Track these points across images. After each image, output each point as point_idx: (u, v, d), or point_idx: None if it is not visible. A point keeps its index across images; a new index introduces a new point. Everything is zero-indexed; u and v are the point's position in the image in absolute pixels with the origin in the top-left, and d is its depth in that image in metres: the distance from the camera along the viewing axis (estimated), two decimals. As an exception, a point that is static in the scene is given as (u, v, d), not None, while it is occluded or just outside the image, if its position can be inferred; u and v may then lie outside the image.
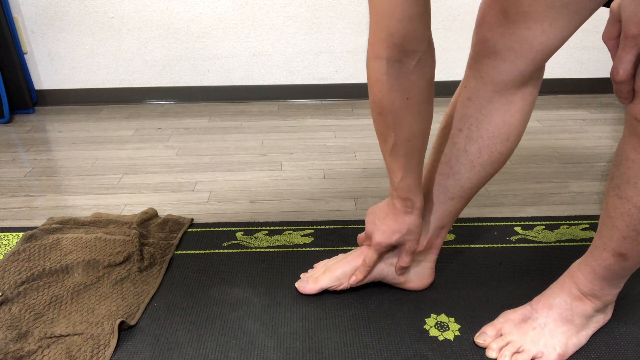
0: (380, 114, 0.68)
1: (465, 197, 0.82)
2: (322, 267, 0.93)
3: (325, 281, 0.89)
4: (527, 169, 1.38)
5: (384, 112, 0.67)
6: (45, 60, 1.86)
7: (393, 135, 0.69)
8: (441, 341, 0.81)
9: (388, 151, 0.72)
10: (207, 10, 1.80)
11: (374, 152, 1.50)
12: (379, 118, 0.69)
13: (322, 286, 0.89)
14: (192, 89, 1.94)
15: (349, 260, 0.89)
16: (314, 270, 0.94)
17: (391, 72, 0.63)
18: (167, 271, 0.98)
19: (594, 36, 1.88)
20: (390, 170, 0.75)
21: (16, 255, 1.00)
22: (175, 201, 1.24)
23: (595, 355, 0.78)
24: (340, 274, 0.89)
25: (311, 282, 0.90)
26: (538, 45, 0.66)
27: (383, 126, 0.69)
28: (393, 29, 0.59)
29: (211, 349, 0.80)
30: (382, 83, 0.64)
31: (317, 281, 0.90)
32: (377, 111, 0.68)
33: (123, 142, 1.60)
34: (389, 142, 0.70)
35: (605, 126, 1.67)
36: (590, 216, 1.14)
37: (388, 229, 0.80)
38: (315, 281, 0.90)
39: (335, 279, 0.89)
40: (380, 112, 0.68)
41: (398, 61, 0.62)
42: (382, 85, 0.64)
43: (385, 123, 0.68)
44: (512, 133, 0.76)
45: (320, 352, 0.79)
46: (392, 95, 0.65)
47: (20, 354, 0.76)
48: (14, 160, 1.48)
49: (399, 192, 0.75)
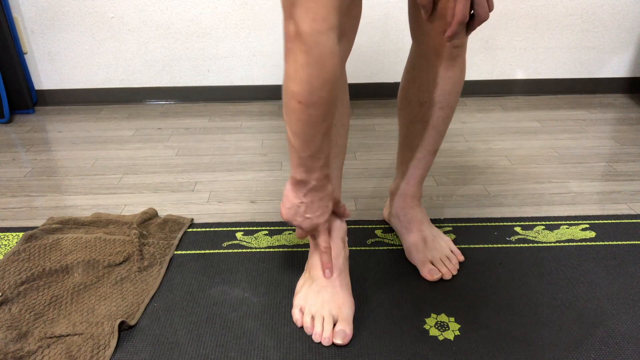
0: (329, 91, 0.64)
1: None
2: (308, 314, 0.85)
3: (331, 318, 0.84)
4: (527, 169, 1.38)
5: (333, 87, 0.64)
6: (45, 60, 1.86)
7: (334, 107, 0.67)
8: (441, 341, 0.81)
9: (323, 132, 0.68)
10: (207, 10, 1.80)
11: (374, 152, 1.50)
12: (326, 96, 0.64)
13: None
14: (192, 89, 1.94)
15: (321, 289, 0.85)
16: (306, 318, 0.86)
17: (337, 38, 0.63)
18: (167, 271, 0.98)
19: (594, 36, 1.88)
20: (318, 152, 0.70)
21: (16, 255, 1.00)
22: (175, 201, 1.24)
23: (595, 355, 0.78)
24: (330, 305, 0.84)
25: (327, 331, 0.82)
26: (359, 15, 0.77)
27: (326, 105, 0.65)
28: (336, 2, 0.60)
29: (211, 349, 0.80)
30: (336, 55, 0.62)
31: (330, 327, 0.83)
32: (327, 89, 0.64)
33: (123, 142, 1.60)
34: (328, 120, 0.67)
35: (605, 126, 1.67)
36: (590, 216, 1.14)
37: (325, 208, 0.79)
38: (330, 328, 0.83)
39: (328, 313, 0.83)
40: (330, 87, 0.64)
41: (338, 24, 0.62)
42: (336, 57, 0.62)
43: (332, 99, 0.65)
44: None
45: (320, 352, 0.79)
46: (339, 60, 0.64)
47: (20, 354, 0.76)
48: (14, 160, 1.48)
49: (325, 169, 0.73)
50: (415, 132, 0.92)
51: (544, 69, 1.94)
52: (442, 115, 0.89)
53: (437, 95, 0.87)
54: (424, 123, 0.90)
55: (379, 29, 1.84)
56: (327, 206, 0.79)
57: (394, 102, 1.91)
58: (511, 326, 0.83)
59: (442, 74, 0.84)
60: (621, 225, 1.10)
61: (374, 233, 1.09)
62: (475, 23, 0.76)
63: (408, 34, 1.85)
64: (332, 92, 0.65)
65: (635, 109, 1.82)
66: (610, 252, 1.01)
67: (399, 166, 0.99)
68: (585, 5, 1.82)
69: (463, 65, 0.86)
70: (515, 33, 1.87)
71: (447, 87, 0.86)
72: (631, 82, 1.96)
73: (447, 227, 1.11)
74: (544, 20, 1.85)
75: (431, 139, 0.92)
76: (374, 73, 1.92)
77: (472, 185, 1.30)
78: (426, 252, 0.97)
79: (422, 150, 0.93)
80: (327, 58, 0.62)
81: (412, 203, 1.00)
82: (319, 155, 0.71)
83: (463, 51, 0.84)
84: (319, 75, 0.62)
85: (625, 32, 1.88)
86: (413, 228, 0.99)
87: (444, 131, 0.92)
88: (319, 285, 0.85)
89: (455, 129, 1.66)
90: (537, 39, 1.88)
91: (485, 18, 0.75)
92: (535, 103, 1.89)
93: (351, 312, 0.84)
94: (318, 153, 0.70)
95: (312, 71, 0.62)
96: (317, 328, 0.81)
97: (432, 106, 0.88)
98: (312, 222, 0.79)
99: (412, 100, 0.90)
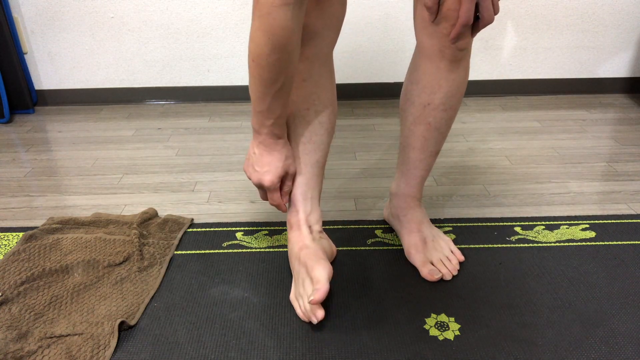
0: (278, 59, 0.72)
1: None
2: (296, 297, 0.88)
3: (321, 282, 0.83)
4: (527, 169, 1.38)
5: (283, 58, 0.72)
6: (45, 60, 1.86)
7: (283, 77, 0.74)
8: (441, 341, 0.81)
9: (272, 94, 0.76)
10: (207, 10, 1.80)
11: (374, 152, 1.50)
12: (275, 64, 0.72)
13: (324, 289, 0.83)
14: (192, 89, 1.94)
15: (298, 275, 0.87)
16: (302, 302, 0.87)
17: (295, 16, 0.68)
18: (167, 271, 0.98)
19: (594, 36, 1.88)
20: (268, 111, 0.78)
21: (16, 255, 1.00)
22: (175, 201, 1.24)
23: (595, 355, 0.78)
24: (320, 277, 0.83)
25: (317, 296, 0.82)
26: (340, 14, 0.82)
27: (276, 71, 0.73)
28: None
29: (211, 349, 0.80)
30: (288, 29, 0.69)
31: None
32: (275, 57, 0.71)
33: (123, 142, 1.60)
34: (276, 85, 0.75)
35: (605, 126, 1.67)
36: (590, 216, 1.14)
37: (270, 165, 0.85)
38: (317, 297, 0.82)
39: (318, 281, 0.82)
40: (279, 57, 0.71)
41: (300, 4, 0.68)
42: (287, 31, 0.69)
43: (280, 67, 0.73)
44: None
45: (320, 352, 0.79)
46: (294, 37, 0.71)
47: (20, 354, 0.76)
48: (14, 160, 1.48)
49: (273, 128, 0.81)
50: (417, 133, 0.92)
51: (544, 69, 1.94)
52: (445, 117, 0.89)
53: (440, 97, 0.87)
54: (426, 124, 0.90)
55: (379, 29, 1.84)
56: (276, 167, 0.85)
57: (394, 102, 1.91)
58: (511, 326, 0.83)
59: (446, 76, 0.84)
60: (621, 225, 1.10)
61: (374, 233, 1.09)
62: (480, 25, 0.76)
63: (408, 34, 1.85)
64: (282, 61, 0.72)
65: (635, 109, 1.82)
66: (610, 252, 1.01)
67: (400, 166, 0.99)
68: (585, 5, 1.82)
69: (467, 67, 0.86)
70: (515, 33, 1.87)
71: (451, 89, 0.86)
72: (631, 82, 1.96)
73: (447, 227, 1.11)
74: (544, 20, 1.85)
75: (433, 140, 0.92)
76: (374, 73, 1.92)
77: (472, 185, 1.30)
78: (426, 252, 0.97)
79: (423, 151, 0.93)
80: (277, 30, 0.68)
81: (412, 203, 1.00)
82: (269, 116, 0.79)
83: (467, 54, 0.84)
84: (267, 42, 0.69)
85: (625, 32, 1.88)
86: (413, 228, 0.99)
87: (446, 133, 0.92)
88: (297, 275, 0.89)
89: (456, 129, 1.66)
90: (537, 39, 1.88)
91: (490, 21, 0.75)
92: (535, 103, 1.89)
93: (324, 272, 0.81)
94: (268, 113, 0.79)
95: (262, 37, 0.69)
96: (298, 309, 0.85)
97: (435, 108, 0.88)
98: (258, 176, 0.86)
99: (415, 102, 0.90)
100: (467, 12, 0.74)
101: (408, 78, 0.91)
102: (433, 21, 0.79)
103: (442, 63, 0.83)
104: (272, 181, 0.85)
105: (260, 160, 0.85)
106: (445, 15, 0.77)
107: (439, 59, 0.83)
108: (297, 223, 0.92)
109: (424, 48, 0.84)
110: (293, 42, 0.71)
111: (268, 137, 0.82)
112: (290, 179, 0.90)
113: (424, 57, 0.85)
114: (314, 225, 0.93)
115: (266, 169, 0.85)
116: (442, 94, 0.86)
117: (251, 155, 0.87)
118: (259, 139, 0.83)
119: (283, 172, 0.86)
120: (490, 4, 0.74)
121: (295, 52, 0.73)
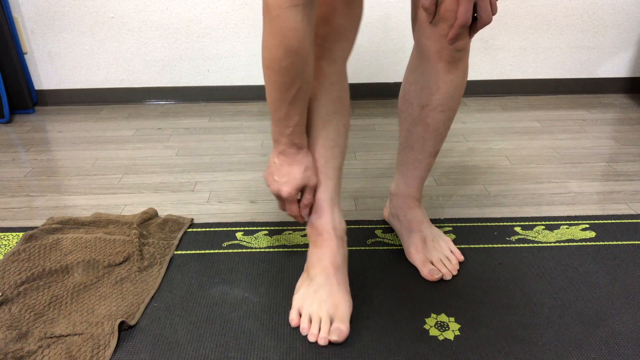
0: (292, 63, 0.71)
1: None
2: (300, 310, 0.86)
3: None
4: (527, 169, 1.38)
5: (296, 61, 0.71)
6: (45, 60, 1.86)
7: (299, 81, 0.73)
8: (441, 341, 0.81)
9: (289, 100, 0.75)
10: (207, 10, 1.80)
11: (374, 152, 1.50)
12: (289, 68, 0.71)
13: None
14: (192, 89, 1.94)
15: (319, 289, 0.85)
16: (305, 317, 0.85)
17: (305, 18, 0.67)
18: (167, 271, 0.98)
19: (594, 36, 1.88)
20: (285, 119, 0.78)
21: (16, 255, 1.00)
22: (175, 201, 1.24)
23: (595, 355, 0.78)
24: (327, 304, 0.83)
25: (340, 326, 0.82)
26: (360, 17, 0.82)
27: (290, 76, 0.72)
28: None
29: (211, 349, 0.80)
30: (298, 31, 0.68)
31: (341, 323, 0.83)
32: (289, 61, 0.70)
33: (123, 142, 1.60)
34: (292, 90, 0.74)
35: (605, 126, 1.67)
36: (590, 216, 1.14)
37: (290, 176, 0.83)
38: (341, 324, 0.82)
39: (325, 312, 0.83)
40: (293, 60, 0.70)
41: (310, 5, 0.67)
42: (298, 32, 0.68)
43: (295, 71, 0.72)
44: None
45: (320, 352, 0.79)
46: (306, 39, 0.70)
47: (20, 354, 0.76)
48: (14, 160, 1.48)
49: (292, 137, 0.80)
50: (416, 134, 0.92)
51: (544, 69, 1.94)
52: (443, 118, 0.89)
53: (438, 98, 0.86)
54: (425, 125, 0.90)
55: (379, 29, 1.84)
56: (295, 179, 0.83)
57: (394, 102, 1.91)
58: (511, 326, 0.83)
59: (444, 77, 0.84)
60: (621, 225, 1.10)
61: (374, 233, 1.09)
62: (478, 26, 0.76)
63: (408, 34, 1.85)
64: (296, 65, 0.71)
65: (635, 109, 1.82)
66: (610, 252, 1.01)
67: (400, 167, 0.99)
68: (585, 5, 1.82)
69: (465, 68, 0.86)
70: (515, 33, 1.87)
71: (449, 90, 0.86)
72: (631, 82, 1.96)
73: (447, 227, 1.11)
74: (544, 20, 1.85)
75: (432, 141, 0.92)
76: (374, 73, 1.92)
77: (472, 185, 1.30)
78: (426, 252, 0.97)
79: (422, 151, 0.93)
80: (288, 31, 0.67)
81: (412, 203, 1.00)
82: (287, 123, 0.78)
83: (466, 54, 0.84)
84: (279, 45, 0.69)
85: (625, 32, 1.88)
86: (413, 228, 0.99)
87: (445, 133, 0.92)
88: (316, 284, 0.85)
89: (456, 129, 1.66)
90: (537, 39, 1.88)
91: (488, 21, 0.75)
92: (535, 103, 1.89)
93: (348, 311, 0.84)
94: (286, 120, 0.77)
95: (274, 41, 0.69)
96: (314, 329, 0.81)
97: (434, 109, 0.88)
98: (277, 186, 0.84)
99: (413, 103, 0.89)
100: (465, 13, 0.74)
101: (406, 79, 0.91)
102: (431, 22, 0.79)
103: (440, 64, 0.83)
104: (290, 192, 0.83)
105: (279, 171, 0.83)
106: (443, 16, 0.77)
107: (437, 60, 0.83)
108: (327, 232, 0.87)
109: (422, 49, 0.84)
110: (305, 44, 0.70)
111: (288, 147, 0.81)
112: (309, 191, 0.86)
113: (422, 58, 0.85)
114: (343, 235, 0.89)
115: (285, 180, 0.83)
116: (440, 95, 0.86)
117: (271, 164, 0.85)
118: (279, 148, 0.82)
119: (302, 184, 0.84)
120: (488, 5, 0.74)
121: (309, 55, 0.72)
